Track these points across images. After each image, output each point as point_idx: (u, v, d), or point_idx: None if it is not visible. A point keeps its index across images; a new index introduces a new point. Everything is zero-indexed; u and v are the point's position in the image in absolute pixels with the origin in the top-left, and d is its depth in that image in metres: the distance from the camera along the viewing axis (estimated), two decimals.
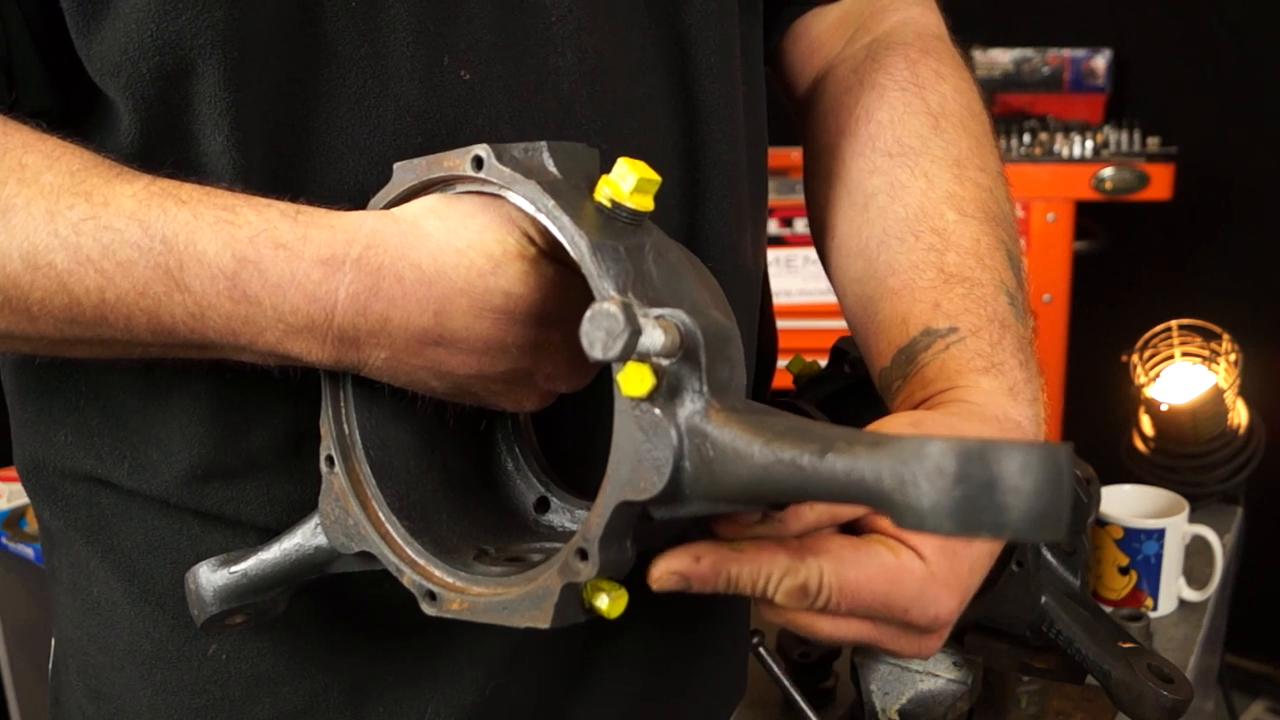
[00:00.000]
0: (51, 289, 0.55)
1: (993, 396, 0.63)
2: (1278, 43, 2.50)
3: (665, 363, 0.51)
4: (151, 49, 0.58)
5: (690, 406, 0.51)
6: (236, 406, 0.65)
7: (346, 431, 0.62)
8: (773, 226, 2.48)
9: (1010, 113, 2.61)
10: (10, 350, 0.63)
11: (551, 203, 0.54)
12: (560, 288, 0.57)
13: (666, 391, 0.51)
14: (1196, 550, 1.28)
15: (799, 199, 2.67)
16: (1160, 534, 1.24)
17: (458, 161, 0.56)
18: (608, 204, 0.54)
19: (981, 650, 0.90)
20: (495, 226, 0.56)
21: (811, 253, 2.79)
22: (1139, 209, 2.44)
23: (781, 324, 0.95)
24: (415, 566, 0.60)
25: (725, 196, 0.72)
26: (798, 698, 1.00)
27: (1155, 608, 1.25)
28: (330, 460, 0.62)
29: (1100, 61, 2.62)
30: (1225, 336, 1.46)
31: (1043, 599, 0.84)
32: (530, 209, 0.55)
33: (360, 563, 0.63)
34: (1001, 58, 2.65)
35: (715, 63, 0.71)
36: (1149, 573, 1.25)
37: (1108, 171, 2.38)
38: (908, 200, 0.71)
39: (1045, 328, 2.47)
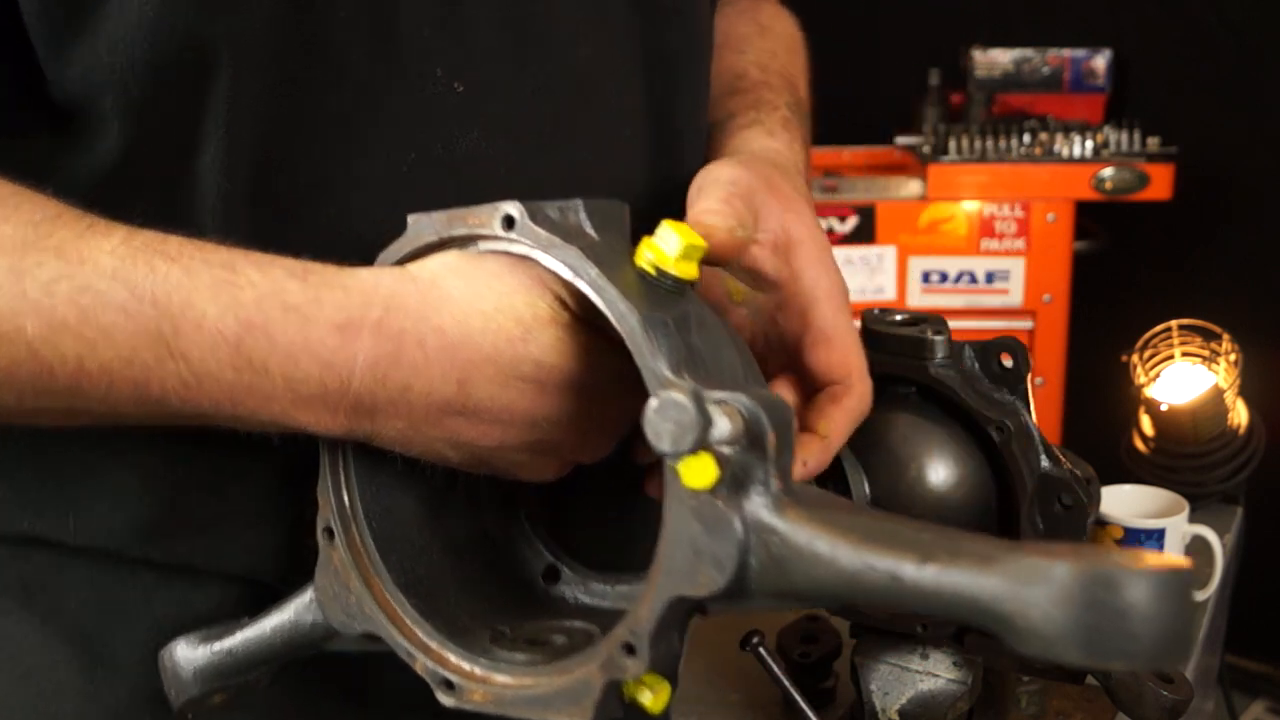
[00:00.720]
0: (18, 357, 0.49)
1: (754, 138, 0.72)
2: (1278, 43, 2.50)
3: (728, 450, 0.47)
4: (149, 59, 0.54)
5: (757, 499, 0.47)
6: (204, 451, 0.60)
7: (347, 501, 0.57)
8: None
9: (1010, 113, 2.61)
10: None
11: (595, 271, 0.50)
12: (593, 355, 0.53)
13: (730, 481, 0.47)
14: (1196, 550, 1.28)
15: None
16: (1160, 534, 1.24)
17: (484, 219, 0.52)
18: (651, 270, 0.51)
19: (981, 650, 0.90)
20: (525, 289, 0.52)
21: None
22: (1139, 209, 2.44)
23: None
24: (428, 651, 0.55)
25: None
26: (798, 698, 1.00)
27: None
28: (329, 532, 0.57)
29: (1100, 61, 2.62)
30: (1225, 336, 1.46)
31: None
32: (569, 275, 0.51)
33: (362, 643, 0.58)
34: (1001, 58, 2.65)
35: (693, 70, 0.73)
36: None
37: (1108, 171, 2.38)
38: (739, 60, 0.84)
39: (1045, 328, 2.47)
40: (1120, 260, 2.56)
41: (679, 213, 0.61)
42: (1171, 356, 1.49)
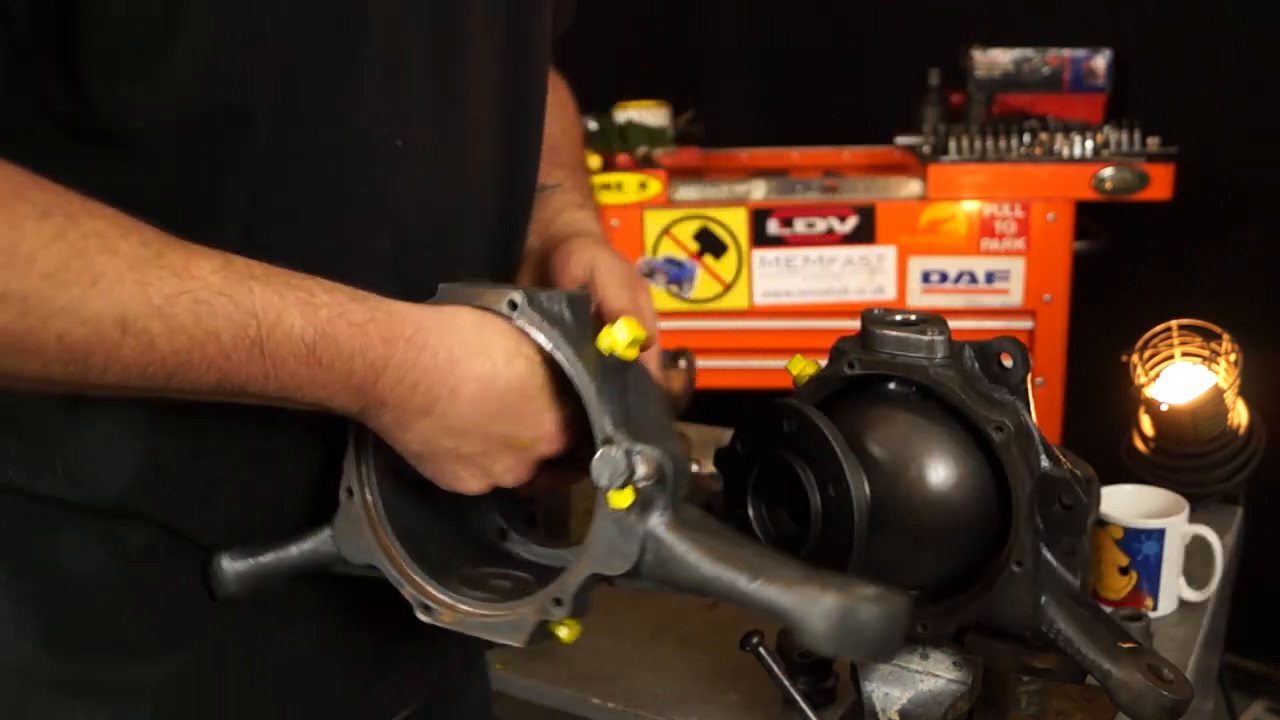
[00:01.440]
0: (140, 349, 0.63)
1: (583, 221, 0.94)
2: (1278, 43, 2.50)
3: (643, 484, 0.70)
4: (191, 112, 0.66)
5: (656, 519, 0.71)
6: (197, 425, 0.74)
7: (364, 471, 0.77)
8: (773, 226, 2.48)
9: (1010, 113, 2.61)
10: (36, 389, 0.66)
11: (570, 351, 0.71)
12: (548, 383, 0.74)
13: (640, 505, 0.70)
14: (1196, 550, 1.28)
15: (799, 199, 2.68)
16: (1160, 534, 1.24)
17: (495, 299, 0.73)
18: (607, 353, 0.72)
19: (981, 650, 0.90)
20: (515, 337, 0.73)
21: (811, 252, 2.80)
22: (1139, 209, 2.44)
23: (781, 324, 0.96)
24: (414, 584, 0.77)
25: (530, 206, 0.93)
26: (797, 698, 1.01)
27: (1155, 608, 1.25)
28: (350, 491, 0.77)
29: (1100, 61, 2.62)
30: (1225, 336, 1.46)
31: (1043, 599, 0.84)
32: (549, 348, 0.72)
33: (363, 571, 0.78)
34: (1001, 58, 2.65)
35: (539, 132, 0.92)
36: (1149, 573, 1.25)
37: (1108, 171, 2.38)
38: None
39: (1045, 328, 2.47)
40: (1120, 260, 2.56)
41: (519, 236, 0.90)
42: (1171, 356, 1.49)
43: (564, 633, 0.74)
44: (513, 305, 0.72)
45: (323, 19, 0.70)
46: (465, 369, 0.71)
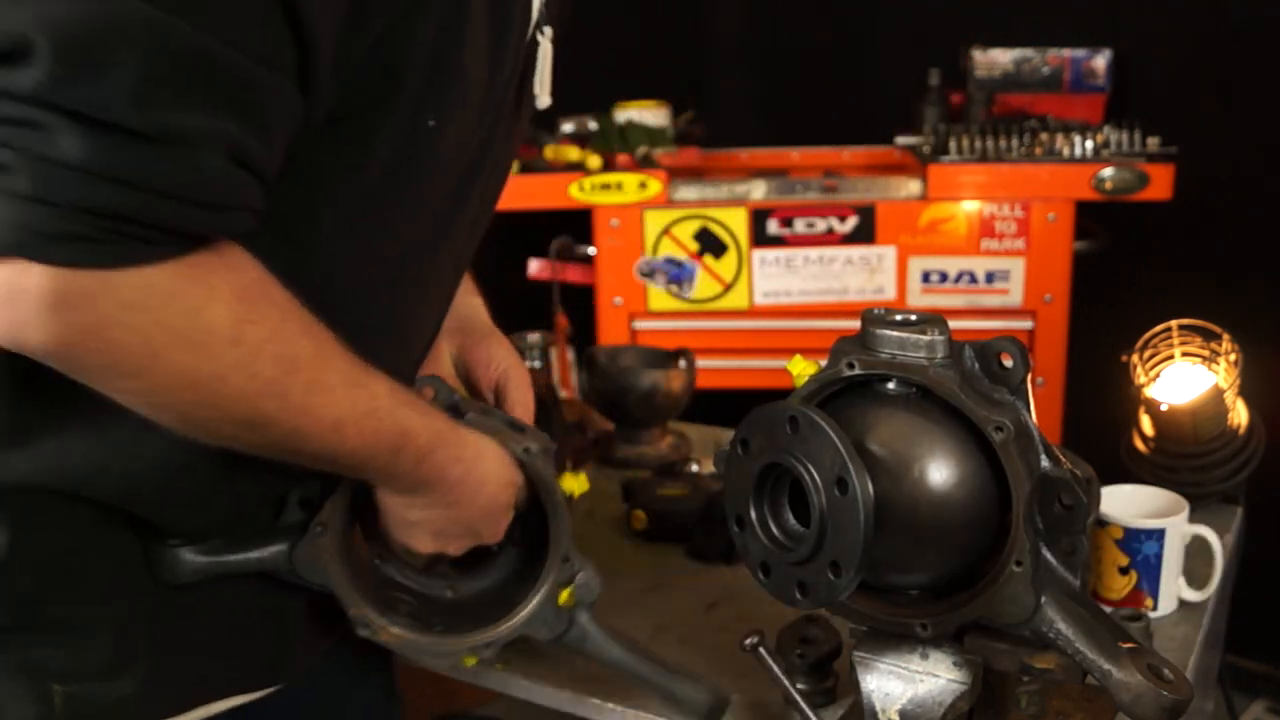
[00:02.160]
0: (329, 442, 0.83)
1: (481, 311, 1.16)
2: (1278, 43, 2.50)
3: (580, 589, 1.04)
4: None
5: (584, 614, 1.05)
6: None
7: (337, 515, 0.96)
8: (773, 226, 2.49)
9: (1010, 113, 2.61)
10: (228, 445, 0.83)
11: (557, 496, 1.01)
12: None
13: (576, 603, 1.04)
14: (1196, 550, 1.28)
15: (799, 199, 2.67)
16: (1160, 534, 1.24)
17: (513, 443, 0.99)
18: (567, 493, 1.02)
19: (981, 650, 0.90)
20: (511, 473, 0.99)
21: (811, 252, 2.80)
22: (1139, 209, 2.44)
23: (781, 324, 0.96)
24: (357, 606, 0.99)
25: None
26: (797, 698, 1.01)
27: (1155, 608, 1.25)
28: (321, 528, 0.96)
29: (1100, 61, 2.62)
30: (1225, 336, 1.46)
31: (1042, 599, 0.84)
32: (548, 488, 1.01)
33: (308, 584, 0.97)
34: (1001, 58, 2.65)
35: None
36: (1149, 573, 1.25)
37: (1108, 171, 2.38)
38: None
39: (1045, 328, 2.48)
40: (1120, 260, 2.56)
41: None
42: (1171, 356, 1.49)
43: (470, 662, 1.05)
44: (527, 452, 0.98)
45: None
46: (486, 488, 0.96)
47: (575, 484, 1.05)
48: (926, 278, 2.49)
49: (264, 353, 0.76)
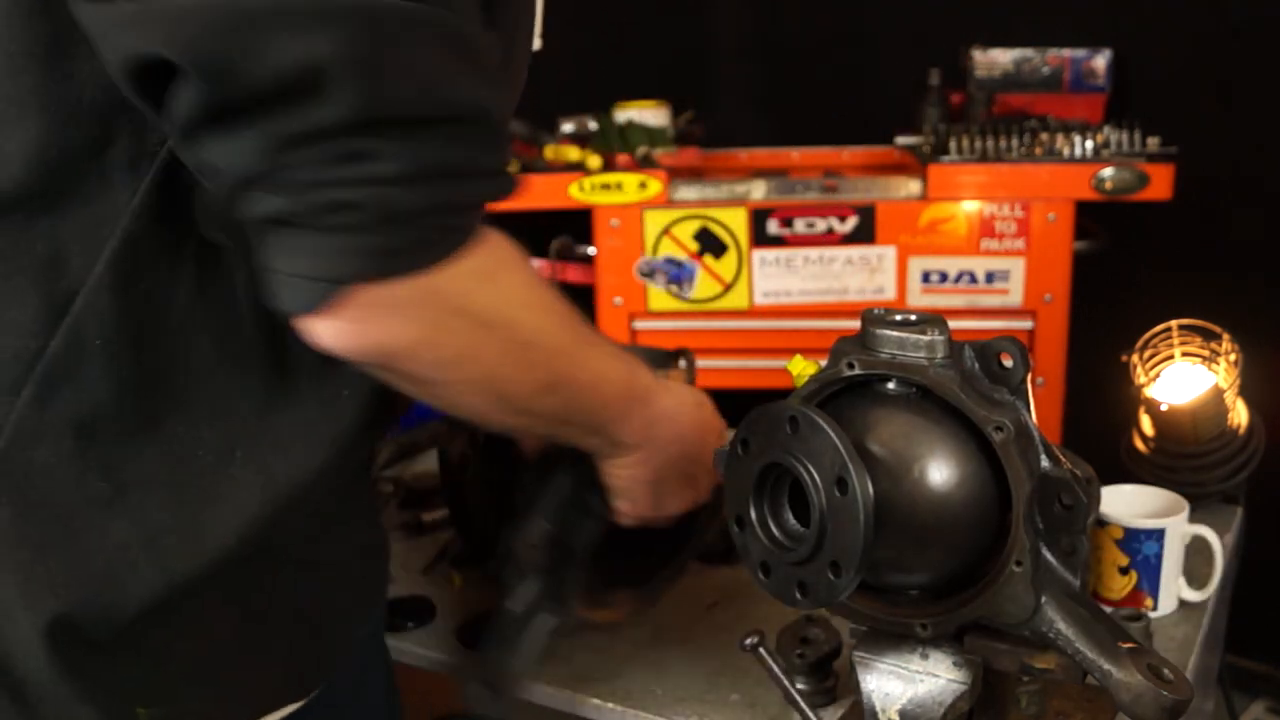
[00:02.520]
0: (595, 397, 0.91)
1: None
2: (1278, 43, 2.50)
3: None
4: None
5: None
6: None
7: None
8: (773, 226, 2.49)
9: (1010, 113, 2.61)
10: (524, 422, 0.90)
11: None
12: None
13: None
14: (1196, 550, 1.28)
15: (799, 199, 2.67)
16: (1160, 534, 1.24)
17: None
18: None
19: (981, 650, 0.90)
20: (719, 418, 1.06)
21: (811, 252, 2.80)
22: (1139, 209, 2.44)
23: (781, 324, 0.97)
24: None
25: None
26: (797, 698, 1.00)
27: (1155, 608, 1.25)
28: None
29: (1100, 61, 2.62)
30: (1225, 336, 1.46)
31: (1042, 599, 0.84)
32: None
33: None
34: (1001, 58, 2.65)
35: None
36: (1149, 573, 1.25)
37: (1108, 171, 2.38)
38: None
39: (1045, 328, 2.47)
40: (1120, 260, 2.56)
41: None
42: (1171, 356, 1.49)
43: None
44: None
45: None
46: (700, 431, 1.03)
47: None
48: (926, 278, 2.49)
49: (554, 311, 0.83)
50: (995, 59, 2.65)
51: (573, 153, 2.54)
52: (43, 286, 0.75)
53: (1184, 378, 1.47)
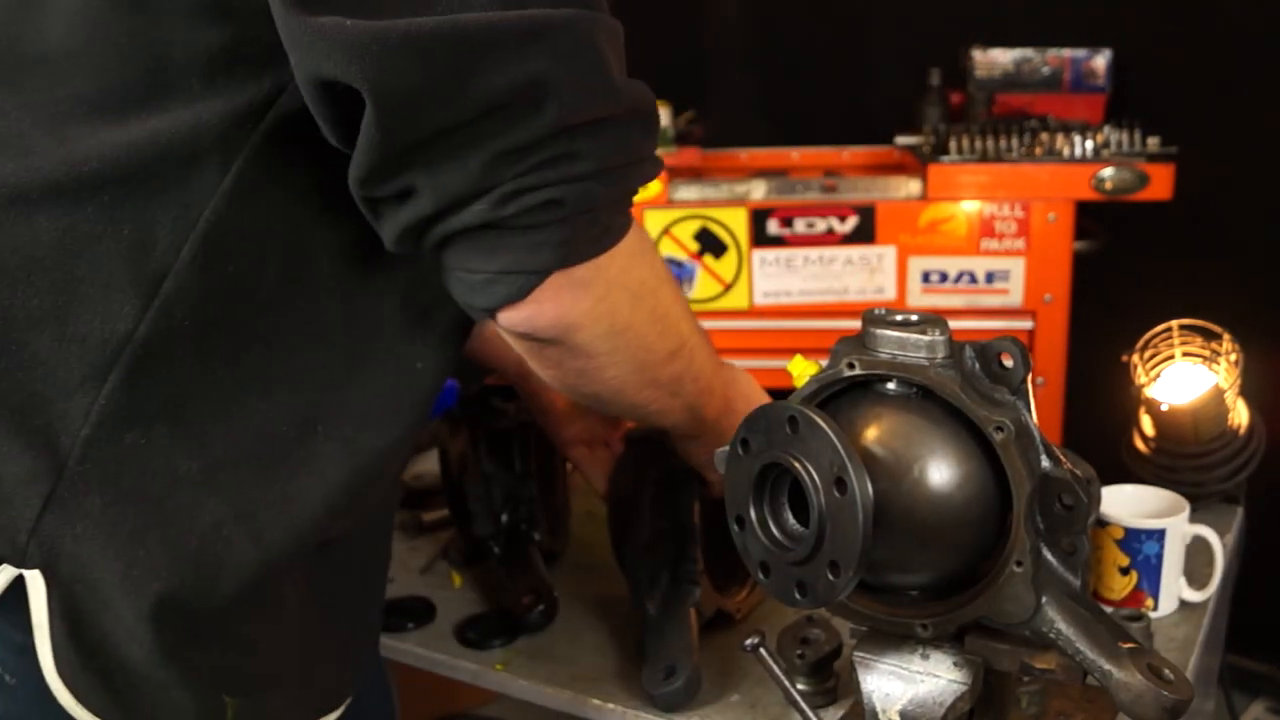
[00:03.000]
0: (694, 365, 0.98)
1: None
2: (1278, 43, 2.50)
3: None
4: None
5: None
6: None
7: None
8: (773, 226, 2.48)
9: (1010, 113, 2.61)
10: (650, 392, 0.96)
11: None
12: None
13: None
14: (1197, 550, 1.28)
15: (799, 199, 2.66)
16: (1160, 534, 1.24)
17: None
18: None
19: (981, 650, 0.90)
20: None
21: (811, 252, 2.79)
22: (1139, 209, 2.44)
23: (781, 324, 0.97)
24: None
25: None
26: (798, 698, 1.00)
27: (1155, 608, 1.25)
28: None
29: (1100, 61, 2.62)
30: (1225, 336, 1.46)
31: (1043, 599, 0.84)
32: None
33: None
34: (1001, 58, 2.65)
35: None
36: (1149, 573, 1.25)
37: (1108, 171, 2.38)
38: None
39: (1045, 328, 2.47)
40: (1120, 260, 2.56)
41: None
42: (1172, 356, 1.49)
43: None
44: None
45: None
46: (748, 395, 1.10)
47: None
48: (926, 278, 2.49)
49: (674, 281, 0.91)
50: (995, 59, 2.65)
51: None
52: (132, 269, 0.75)
53: (1184, 378, 1.47)
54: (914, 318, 0.88)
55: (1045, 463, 0.85)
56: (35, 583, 0.76)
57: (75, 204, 0.74)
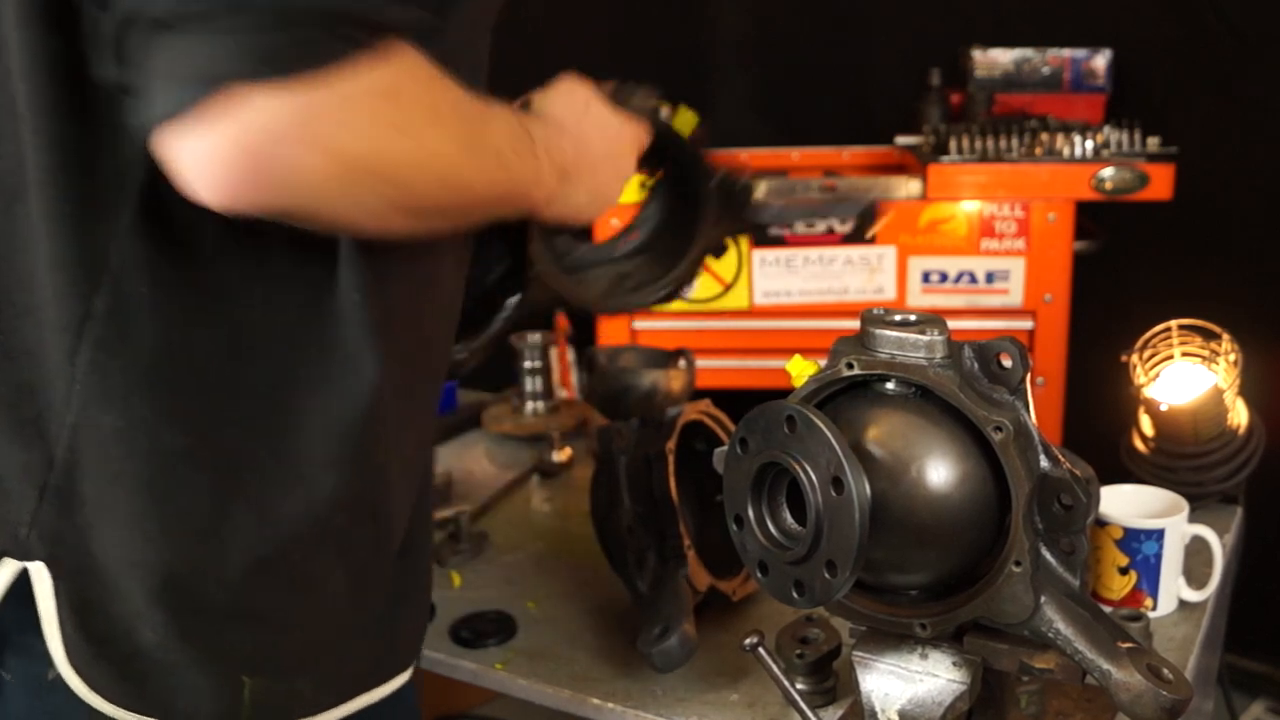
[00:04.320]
0: (492, 171, 0.83)
1: None
2: (1278, 43, 2.50)
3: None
4: None
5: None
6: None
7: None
8: (773, 226, 2.48)
9: (1010, 113, 2.61)
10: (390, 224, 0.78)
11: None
12: None
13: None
14: (1196, 550, 1.28)
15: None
16: (1160, 534, 1.24)
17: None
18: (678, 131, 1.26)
19: (980, 650, 0.90)
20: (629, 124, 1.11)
21: (811, 252, 2.80)
22: (1139, 209, 2.44)
23: (781, 324, 0.96)
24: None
25: None
26: (797, 698, 1.00)
27: (1155, 608, 1.25)
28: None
29: (1100, 61, 2.62)
30: (1225, 336, 1.46)
31: (1042, 599, 0.84)
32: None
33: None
34: (1001, 58, 2.65)
35: None
36: (1149, 573, 1.25)
37: (1108, 171, 2.38)
38: None
39: (1045, 328, 2.47)
40: (1120, 260, 2.56)
41: None
42: (1171, 356, 1.49)
43: None
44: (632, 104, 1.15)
45: None
46: (614, 140, 1.08)
47: (683, 121, 1.21)
48: (926, 278, 2.49)
49: (460, 108, 0.77)
50: (995, 59, 2.65)
51: None
52: (76, 244, 0.74)
53: (1184, 378, 1.47)
54: (913, 318, 0.88)
55: (1044, 462, 0.85)
56: (40, 575, 0.76)
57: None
